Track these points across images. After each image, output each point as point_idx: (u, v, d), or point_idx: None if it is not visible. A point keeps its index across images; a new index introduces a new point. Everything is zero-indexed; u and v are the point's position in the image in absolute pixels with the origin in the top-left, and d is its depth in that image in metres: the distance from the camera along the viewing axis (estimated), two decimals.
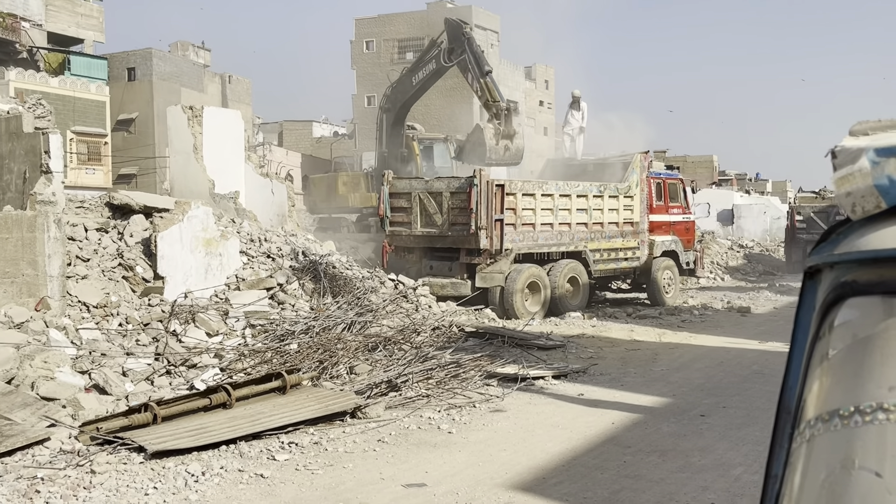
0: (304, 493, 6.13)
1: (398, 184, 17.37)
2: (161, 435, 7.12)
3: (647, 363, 11.72)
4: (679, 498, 5.99)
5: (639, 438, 7.67)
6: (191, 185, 16.88)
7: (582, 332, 14.52)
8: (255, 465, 6.77)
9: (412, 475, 6.57)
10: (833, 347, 1.05)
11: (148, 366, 9.67)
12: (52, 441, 7.12)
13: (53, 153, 10.60)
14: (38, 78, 35.77)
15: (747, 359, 12.12)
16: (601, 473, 6.60)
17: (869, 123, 1.18)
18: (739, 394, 9.64)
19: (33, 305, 10.35)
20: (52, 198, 10.56)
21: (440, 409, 8.74)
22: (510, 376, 10.10)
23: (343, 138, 55.21)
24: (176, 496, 6.02)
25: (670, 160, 54.72)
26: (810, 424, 1.03)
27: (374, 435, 7.74)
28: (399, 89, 24.39)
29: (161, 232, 12.43)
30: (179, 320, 11.16)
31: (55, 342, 9.47)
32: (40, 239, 10.44)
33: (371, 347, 10.96)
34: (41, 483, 6.18)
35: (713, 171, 65.65)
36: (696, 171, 60.27)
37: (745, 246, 38.31)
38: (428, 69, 23.33)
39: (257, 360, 10.18)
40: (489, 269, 16.06)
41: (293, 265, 14.11)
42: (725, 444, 7.42)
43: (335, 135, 59.58)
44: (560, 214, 17.21)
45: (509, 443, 7.55)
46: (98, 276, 11.72)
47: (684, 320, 16.79)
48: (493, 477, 6.51)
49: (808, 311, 1.12)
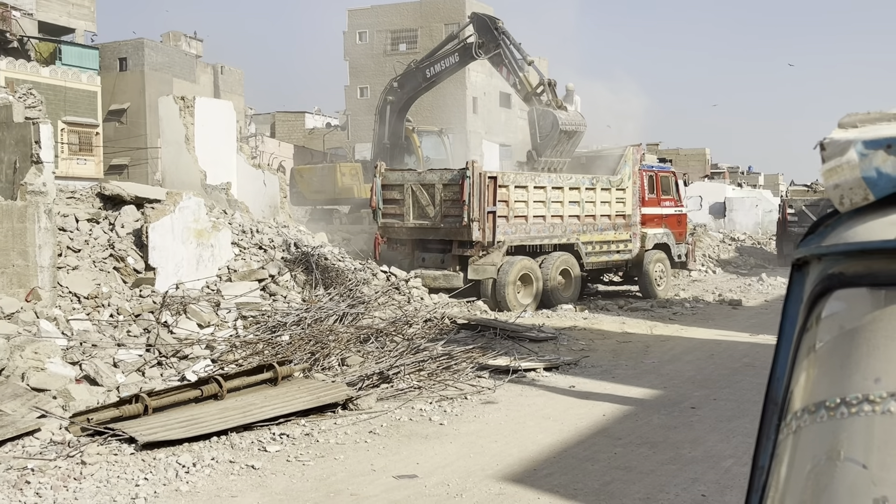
0: (296, 485, 6.13)
1: (390, 175, 17.35)
2: (152, 426, 7.11)
3: (639, 355, 11.75)
4: (669, 489, 6.01)
5: (629, 430, 7.69)
6: (182, 175, 16.83)
7: (574, 324, 14.54)
8: (246, 456, 6.77)
9: (403, 466, 6.58)
10: (820, 339, 1.05)
11: (139, 357, 9.65)
12: (42, 432, 7.10)
13: (44, 143, 10.55)
14: (28, 67, 35.56)
15: (738, 351, 12.17)
16: (592, 465, 6.62)
17: (858, 115, 1.18)
18: (730, 386, 9.67)
19: (24, 296, 10.31)
20: (42, 188, 10.52)
21: (432, 400, 8.75)
22: (502, 368, 10.12)
23: (335, 129, 55.07)
24: (167, 487, 6.01)
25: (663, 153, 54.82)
26: (797, 416, 1.04)
27: (366, 426, 7.75)
28: (410, 82, 24.22)
29: (153, 223, 12.39)
30: (171, 311, 11.13)
31: (46, 333, 9.44)
32: (31, 229, 10.40)
33: (363, 339, 10.96)
34: (31, 474, 6.17)
35: (706, 164, 65.78)
36: (689, 163, 60.38)
37: (737, 239, 38.41)
38: (447, 62, 23.13)
39: (249, 352, 10.17)
40: (481, 262, 16.06)
41: (285, 257, 14.09)
42: (716, 436, 7.45)
43: (328, 126, 59.44)
44: (552, 207, 17.22)
45: (500, 434, 7.57)
46: (89, 267, 11.68)
47: (675, 313, 16.84)
48: (484, 468, 6.52)
49: (796, 302, 1.12)
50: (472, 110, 48.83)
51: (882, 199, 1.05)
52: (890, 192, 1.05)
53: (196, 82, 47.06)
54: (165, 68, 44.91)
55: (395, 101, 24.36)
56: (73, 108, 37.23)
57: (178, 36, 50.97)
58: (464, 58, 22.81)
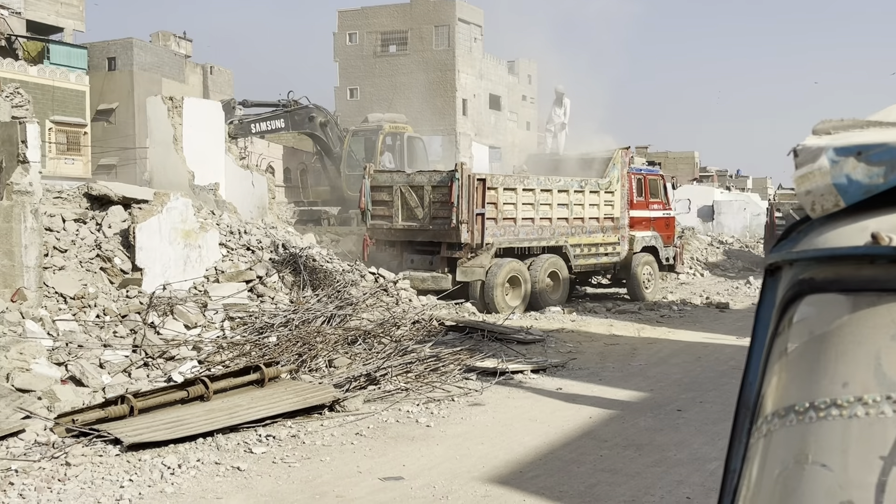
0: (281, 486, 6.13)
1: (379, 177, 17.35)
2: (137, 427, 7.08)
3: (626, 358, 11.79)
4: (654, 492, 6.03)
5: (616, 433, 7.72)
6: (170, 176, 16.76)
7: (562, 326, 14.57)
8: (232, 457, 6.76)
9: (389, 468, 6.58)
10: (791, 343, 1.06)
11: (125, 358, 9.61)
12: (26, 433, 7.07)
13: (31, 143, 10.48)
14: (16, 66, 35.37)
15: (725, 354, 12.22)
16: (578, 467, 6.64)
17: (832, 122, 1.19)
18: (716, 388, 9.71)
19: (9, 296, 10.25)
20: (29, 188, 10.46)
21: (419, 402, 8.76)
22: (489, 370, 10.13)
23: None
24: (152, 489, 5.99)
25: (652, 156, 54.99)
26: (767, 419, 1.05)
27: (353, 428, 7.75)
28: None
29: (140, 223, 12.34)
30: (157, 312, 11.10)
31: (31, 333, 9.39)
32: (17, 229, 10.34)
33: (351, 341, 10.94)
34: (15, 475, 6.13)
35: (694, 167, 65.97)
36: (678, 167, 60.57)
37: (725, 242, 38.56)
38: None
39: (236, 353, 10.15)
40: (470, 264, 16.07)
41: (273, 258, 14.06)
42: (702, 439, 7.49)
43: None
44: (541, 209, 17.26)
45: (487, 437, 7.58)
46: (75, 268, 11.62)
47: (663, 315, 16.90)
48: (471, 470, 6.53)
49: (769, 307, 1.13)
50: (462, 112, 48.85)
51: (852, 205, 1.07)
52: (860, 199, 1.06)
53: (185, 82, 46.91)
54: (154, 68, 44.75)
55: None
56: (61, 107, 37.05)
57: (168, 36, 50.77)
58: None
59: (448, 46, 48.76)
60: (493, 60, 54.17)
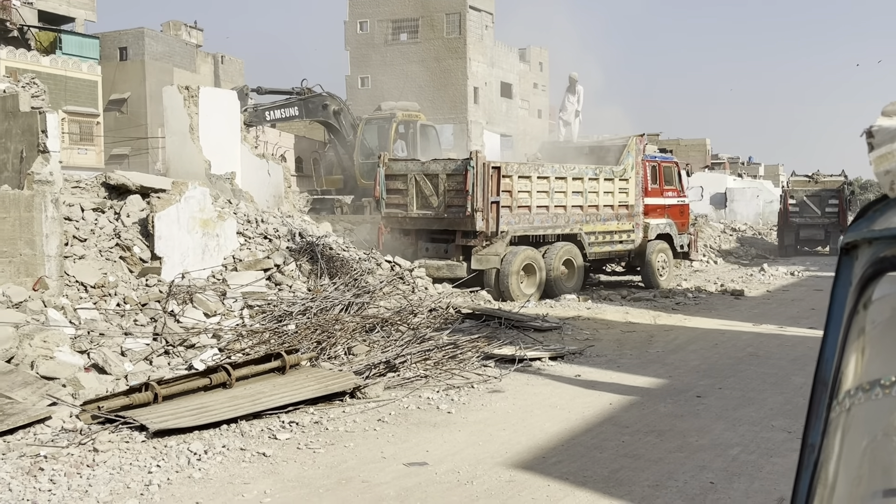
0: (307, 472, 6.18)
1: (394, 165, 17.36)
2: (162, 414, 7.15)
3: (643, 345, 11.80)
4: (678, 477, 6.06)
5: (636, 419, 7.74)
6: (187, 165, 16.84)
7: (577, 314, 14.58)
8: (256, 443, 6.82)
9: (413, 454, 6.63)
10: (871, 321, 1.08)
11: (146, 346, 9.69)
12: (53, 420, 7.14)
13: (50, 133, 10.55)
14: (29, 57, 35.50)
15: (742, 341, 12.21)
16: (600, 453, 6.67)
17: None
18: (735, 375, 9.72)
19: (31, 285, 10.34)
20: (49, 177, 10.53)
21: (439, 389, 8.80)
22: (507, 357, 10.16)
23: None
24: (179, 474, 6.06)
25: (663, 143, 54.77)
26: (850, 394, 1.07)
27: (374, 415, 7.79)
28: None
29: (158, 212, 12.41)
30: (177, 301, 11.16)
31: (54, 322, 9.48)
32: (38, 219, 10.42)
33: (368, 328, 10.99)
34: (45, 461, 6.21)
35: (706, 154, 65.71)
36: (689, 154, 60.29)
37: (738, 229, 38.47)
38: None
39: (255, 341, 10.21)
40: (485, 252, 16.08)
41: (290, 246, 14.11)
42: (722, 425, 7.50)
43: None
44: (556, 197, 17.23)
45: (508, 423, 7.62)
46: (95, 257, 11.70)
47: (678, 303, 16.88)
48: (494, 456, 6.57)
49: (845, 286, 1.15)
50: (474, 100, 48.75)
51: None
52: None
53: (196, 72, 47.00)
54: (166, 58, 44.85)
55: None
56: (73, 97, 37.20)
57: (179, 25, 50.84)
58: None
59: (459, 34, 48.61)
60: (504, 48, 54.01)
